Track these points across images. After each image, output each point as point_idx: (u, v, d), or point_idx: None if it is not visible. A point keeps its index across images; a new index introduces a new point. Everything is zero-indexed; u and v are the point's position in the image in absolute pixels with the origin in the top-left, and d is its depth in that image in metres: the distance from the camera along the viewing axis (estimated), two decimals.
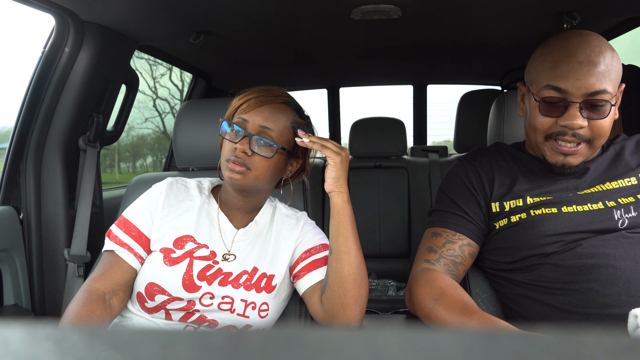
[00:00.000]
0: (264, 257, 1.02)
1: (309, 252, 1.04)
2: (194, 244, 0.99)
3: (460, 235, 0.98)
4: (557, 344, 0.20)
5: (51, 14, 1.26)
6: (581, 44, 0.89)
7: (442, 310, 0.85)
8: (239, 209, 1.07)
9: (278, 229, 1.06)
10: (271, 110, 0.99)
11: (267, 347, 0.20)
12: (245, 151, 0.95)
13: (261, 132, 0.97)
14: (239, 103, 1.01)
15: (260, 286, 0.98)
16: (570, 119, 0.88)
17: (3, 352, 0.20)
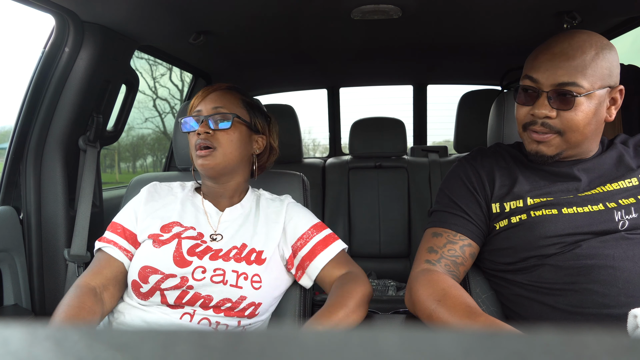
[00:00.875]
0: (252, 235, 1.06)
1: (302, 239, 1.08)
2: (181, 227, 1.05)
3: (461, 236, 0.98)
4: (557, 344, 0.20)
5: (51, 14, 1.26)
6: (565, 38, 0.92)
7: (444, 312, 0.85)
8: (222, 195, 1.13)
9: (265, 212, 1.11)
10: (219, 94, 1.10)
11: (267, 347, 0.20)
12: (206, 131, 1.04)
13: (214, 111, 1.07)
14: (191, 104, 1.12)
15: (251, 259, 1.02)
16: (537, 108, 0.92)
17: (3, 352, 0.20)
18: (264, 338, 0.21)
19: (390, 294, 2.17)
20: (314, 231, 1.10)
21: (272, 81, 2.69)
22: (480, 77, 2.63)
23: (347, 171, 2.44)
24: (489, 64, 2.26)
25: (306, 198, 1.26)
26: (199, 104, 1.10)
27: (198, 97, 1.11)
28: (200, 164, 1.05)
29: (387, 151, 2.41)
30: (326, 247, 1.09)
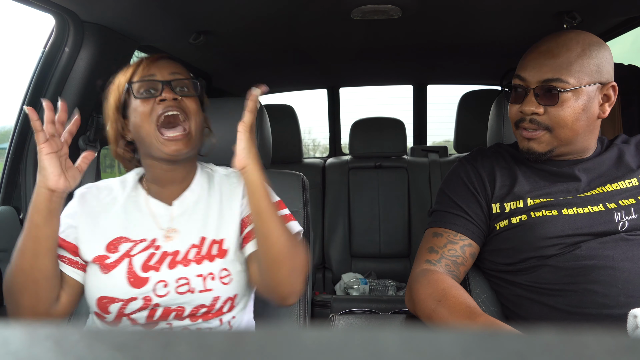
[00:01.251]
0: (210, 223, 0.96)
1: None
2: (129, 242, 0.93)
3: (461, 236, 0.98)
4: (557, 344, 0.20)
5: (51, 14, 1.26)
6: (552, 37, 0.94)
7: (444, 312, 0.85)
8: (172, 182, 0.99)
9: (219, 191, 1.00)
10: (168, 61, 0.97)
11: (267, 347, 0.20)
12: (175, 97, 0.91)
13: (173, 77, 0.94)
14: (131, 71, 0.94)
15: (212, 254, 0.92)
16: (525, 105, 0.94)
17: (3, 352, 0.20)
18: (264, 338, 0.21)
19: (390, 294, 2.17)
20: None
21: (272, 81, 2.69)
22: (480, 77, 2.63)
23: (347, 171, 2.44)
24: (489, 64, 2.26)
25: (306, 198, 1.26)
26: (149, 68, 0.93)
27: (142, 64, 0.94)
28: (169, 137, 0.90)
29: (387, 151, 2.41)
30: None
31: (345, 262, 2.37)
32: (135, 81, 0.93)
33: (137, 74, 0.94)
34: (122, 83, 0.95)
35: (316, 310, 1.97)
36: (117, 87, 0.96)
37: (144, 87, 0.93)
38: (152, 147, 0.92)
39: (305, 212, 1.22)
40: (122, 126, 0.97)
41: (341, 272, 2.33)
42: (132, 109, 0.94)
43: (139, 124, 0.92)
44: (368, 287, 2.18)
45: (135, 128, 0.93)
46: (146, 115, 0.91)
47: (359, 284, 2.17)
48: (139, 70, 0.94)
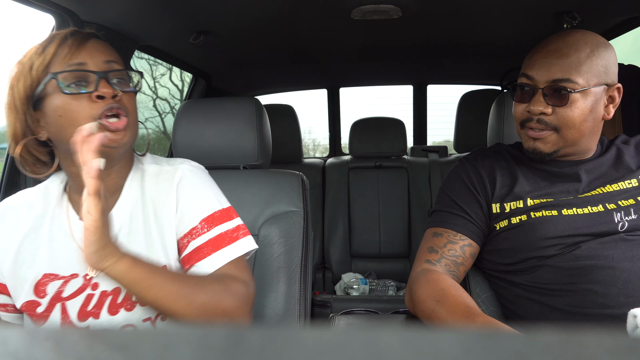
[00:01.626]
0: (149, 245, 0.79)
1: (190, 235, 0.80)
2: (58, 280, 0.77)
3: (461, 236, 0.98)
4: (557, 344, 0.20)
5: (51, 14, 1.26)
6: (560, 37, 0.93)
7: (444, 312, 0.85)
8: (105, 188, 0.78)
9: (152, 201, 0.81)
10: (99, 42, 0.80)
11: (267, 347, 0.20)
12: (114, 94, 0.75)
13: (110, 67, 0.77)
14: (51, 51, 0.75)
15: None
16: (533, 104, 0.93)
17: (3, 352, 0.20)
18: (264, 338, 0.21)
19: (390, 294, 2.17)
20: (206, 226, 0.80)
21: (272, 81, 2.69)
22: (480, 77, 2.63)
23: (347, 171, 2.44)
24: (489, 64, 2.26)
25: (306, 198, 1.26)
26: (77, 53, 0.75)
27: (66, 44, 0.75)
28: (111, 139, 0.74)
29: (387, 151, 2.41)
30: (217, 250, 0.79)
31: (345, 262, 2.37)
32: (60, 71, 0.73)
33: (60, 59, 0.74)
34: (38, 67, 0.74)
35: (316, 310, 1.97)
36: (29, 71, 0.75)
37: (72, 78, 0.74)
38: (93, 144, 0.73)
39: (305, 212, 1.22)
40: (32, 121, 0.77)
41: (341, 272, 2.33)
42: (54, 104, 0.74)
43: (66, 124, 0.74)
44: (368, 287, 2.18)
45: (59, 128, 0.74)
46: (78, 115, 0.73)
47: (359, 284, 2.17)
48: (62, 54, 0.74)
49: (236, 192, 1.20)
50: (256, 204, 1.19)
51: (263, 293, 1.10)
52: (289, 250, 1.15)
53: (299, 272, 1.16)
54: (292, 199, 1.22)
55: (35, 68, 0.74)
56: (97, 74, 0.75)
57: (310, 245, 1.21)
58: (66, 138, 0.73)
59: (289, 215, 1.22)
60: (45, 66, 0.74)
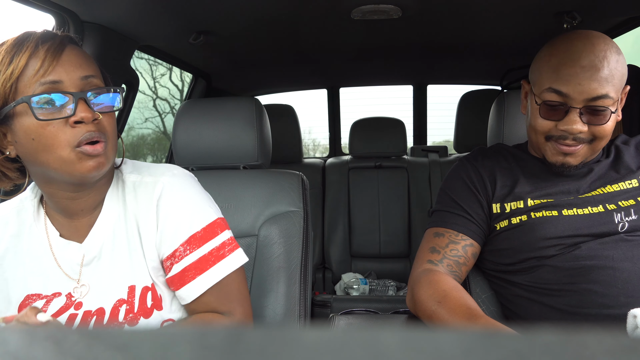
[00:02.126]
0: (134, 263, 0.75)
1: (173, 257, 0.76)
2: (41, 299, 0.74)
3: (463, 236, 0.98)
4: (557, 344, 0.20)
5: (51, 14, 1.26)
6: (586, 47, 0.88)
7: (445, 313, 0.85)
8: (81, 211, 0.76)
9: (134, 212, 0.77)
10: (75, 52, 0.71)
11: (267, 347, 0.20)
12: (95, 117, 0.69)
13: (87, 85, 0.70)
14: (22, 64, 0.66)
15: (148, 306, 0.74)
16: (570, 124, 0.89)
17: (3, 352, 0.20)
18: (264, 338, 0.21)
19: (390, 294, 2.17)
20: (188, 248, 0.76)
21: (272, 81, 2.69)
22: (480, 77, 2.63)
23: (347, 171, 2.44)
24: (489, 64, 2.26)
25: (306, 198, 1.26)
26: (51, 69, 0.67)
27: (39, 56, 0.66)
28: (92, 166, 0.69)
29: (387, 151, 2.41)
30: (201, 273, 0.76)
31: (345, 262, 2.37)
32: (32, 95, 0.66)
33: (31, 75, 0.66)
34: (5, 82, 0.66)
35: (316, 310, 1.97)
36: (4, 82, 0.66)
37: (46, 100, 0.66)
38: (61, 172, 0.69)
39: (305, 212, 1.22)
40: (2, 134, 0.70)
41: (341, 272, 2.33)
42: (25, 126, 0.67)
43: (39, 148, 0.68)
44: (368, 287, 2.18)
45: (32, 151, 0.69)
46: (54, 141, 0.67)
47: (359, 284, 2.17)
48: (33, 68, 0.66)
49: (236, 192, 1.20)
50: (256, 204, 1.19)
51: (263, 293, 1.10)
52: (289, 250, 1.15)
53: (299, 272, 1.16)
54: (292, 199, 1.22)
55: (1, 82, 0.66)
56: (74, 95, 0.68)
57: (310, 245, 1.21)
58: (40, 162, 0.68)
59: (289, 215, 1.22)
60: (13, 81, 0.66)
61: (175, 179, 0.79)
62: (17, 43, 0.67)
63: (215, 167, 1.28)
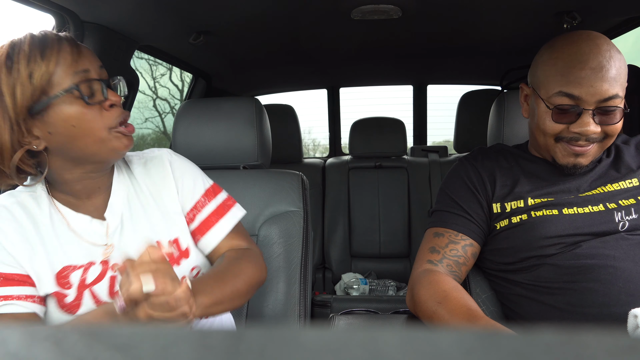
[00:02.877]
0: (157, 224, 0.85)
1: (195, 209, 0.89)
2: (78, 269, 0.79)
3: (462, 236, 0.98)
4: (557, 344, 0.20)
5: (51, 14, 1.26)
6: (592, 48, 0.88)
7: (445, 314, 0.84)
8: (96, 192, 0.83)
9: (146, 183, 0.87)
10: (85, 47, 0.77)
11: (267, 347, 0.20)
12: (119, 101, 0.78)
13: (103, 72, 0.78)
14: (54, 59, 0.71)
15: (175, 257, 0.84)
16: (584, 126, 0.89)
17: (3, 352, 0.20)
18: (264, 338, 0.21)
19: (390, 294, 2.17)
20: (207, 199, 0.90)
21: (272, 81, 2.69)
22: (480, 77, 2.63)
23: (347, 171, 2.44)
24: (489, 64, 2.26)
25: (306, 198, 1.26)
26: (76, 61, 0.73)
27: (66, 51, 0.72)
28: (125, 144, 0.78)
29: (387, 151, 2.41)
30: (221, 218, 0.90)
31: (345, 262, 2.37)
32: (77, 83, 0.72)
33: (65, 67, 0.72)
34: (42, 76, 0.70)
35: (316, 310, 1.97)
36: (28, 79, 0.70)
37: (86, 87, 0.73)
38: (98, 152, 0.76)
39: (305, 212, 1.22)
40: (22, 133, 0.72)
41: (341, 272, 2.33)
42: (65, 115, 0.72)
43: (79, 134, 0.73)
44: (368, 287, 2.18)
45: (71, 138, 0.74)
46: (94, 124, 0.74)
47: (359, 284, 2.17)
48: (65, 61, 0.72)
49: (236, 192, 1.20)
50: (256, 204, 1.19)
51: (263, 293, 1.10)
52: (289, 250, 1.15)
53: (299, 272, 1.16)
54: (292, 199, 1.22)
55: (38, 77, 0.70)
56: (103, 81, 0.75)
57: (310, 245, 1.21)
58: (77, 147, 0.74)
59: (289, 215, 1.22)
60: (50, 75, 0.71)
61: (173, 154, 0.94)
62: (38, 42, 0.72)
63: (215, 167, 1.28)
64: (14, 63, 0.70)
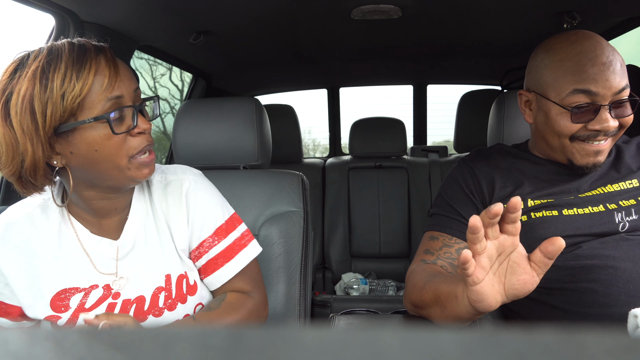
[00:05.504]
0: (167, 254, 0.82)
1: (202, 247, 0.85)
2: (79, 292, 0.78)
3: (456, 239, 0.98)
4: (557, 344, 0.20)
5: (51, 14, 1.26)
6: (595, 46, 0.90)
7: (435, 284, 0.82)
8: (112, 212, 0.81)
9: (162, 209, 0.84)
10: (123, 67, 0.75)
11: (267, 347, 0.20)
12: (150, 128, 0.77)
13: (137, 95, 0.76)
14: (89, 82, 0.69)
15: (183, 292, 0.82)
16: (603, 122, 0.88)
17: (3, 352, 0.20)
18: (264, 338, 0.21)
19: (390, 294, 2.17)
20: (217, 238, 0.86)
21: (272, 81, 2.69)
22: (480, 77, 2.63)
23: (347, 171, 2.44)
24: (489, 64, 2.26)
25: (306, 198, 1.26)
26: (111, 85, 0.71)
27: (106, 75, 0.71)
28: (146, 174, 0.76)
29: (387, 151, 2.41)
30: (228, 261, 0.86)
31: (345, 262, 2.37)
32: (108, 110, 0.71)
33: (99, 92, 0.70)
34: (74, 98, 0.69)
35: (316, 310, 1.97)
36: (60, 100, 0.68)
37: (117, 114, 0.72)
38: (115, 178, 0.75)
39: (305, 212, 1.22)
40: (50, 147, 0.71)
41: (341, 272, 2.33)
42: (90, 139, 0.71)
43: (100, 159, 0.72)
44: (368, 287, 2.18)
45: (91, 162, 0.73)
46: (116, 151, 0.72)
47: (359, 284, 2.17)
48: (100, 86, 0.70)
49: (236, 192, 1.20)
50: (256, 204, 1.19)
51: None
52: (289, 251, 1.15)
53: (299, 272, 1.16)
54: (292, 199, 1.22)
55: (70, 99, 0.68)
56: (135, 107, 0.74)
57: (310, 245, 1.21)
58: (95, 170, 0.73)
59: (289, 215, 1.22)
60: (83, 98, 0.69)
61: (196, 178, 0.88)
62: (76, 58, 0.70)
63: (215, 167, 1.28)
64: (48, 81, 0.68)
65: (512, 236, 0.66)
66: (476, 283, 0.65)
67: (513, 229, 0.65)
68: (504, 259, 0.68)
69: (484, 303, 0.66)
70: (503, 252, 0.67)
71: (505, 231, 0.66)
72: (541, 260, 0.66)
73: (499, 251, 0.67)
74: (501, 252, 0.67)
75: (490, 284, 0.66)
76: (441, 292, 0.77)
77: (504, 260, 0.68)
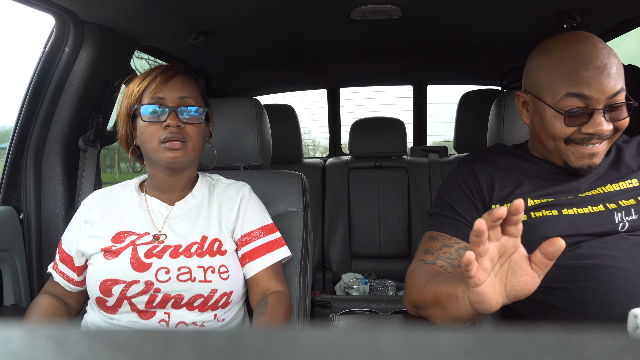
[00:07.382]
0: (211, 225, 1.04)
1: (249, 236, 1.07)
2: (134, 235, 1.02)
3: (456, 239, 0.98)
4: (557, 344, 0.20)
5: (51, 14, 1.26)
6: (590, 49, 0.89)
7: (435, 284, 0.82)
8: (173, 189, 1.09)
9: (219, 198, 1.09)
10: (181, 80, 1.05)
11: (267, 347, 0.20)
12: (178, 124, 1.00)
13: (182, 103, 1.03)
14: (145, 85, 1.03)
15: (213, 250, 1.01)
16: (597, 126, 0.88)
17: (3, 352, 0.20)
18: (264, 338, 0.21)
19: (390, 294, 2.17)
20: (262, 232, 1.08)
21: (272, 81, 2.69)
22: (480, 77, 2.63)
23: (347, 171, 2.44)
24: (489, 64, 2.26)
25: (306, 198, 1.26)
26: (160, 89, 1.02)
27: (156, 81, 1.03)
28: (171, 156, 1.00)
29: (387, 151, 2.41)
30: (268, 252, 1.07)
31: (345, 262, 2.37)
32: (144, 103, 1.02)
33: (149, 92, 1.03)
34: (135, 94, 1.03)
35: (316, 310, 1.97)
36: (129, 95, 1.04)
37: (151, 108, 1.02)
38: (154, 158, 1.02)
39: (305, 212, 1.22)
40: (130, 130, 1.07)
41: (341, 272, 2.33)
42: (140, 124, 1.03)
43: (142, 140, 1.03)
44: (368, 287, 2.18)
45: (141, 141, 1.04)
46: (150, 135, 1.01)
47: (359, 284, 2.17)
48: (150, 88, 1.03)
49: None
50: None
51: None
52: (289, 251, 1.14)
53: (299, 272, 1.16)
54: (292, 199, 1.22)
55: (134, 94, 1.04)
56: (169, 108, 1.01)
57: (310, 245, 1.21)
58: (144, 149, 1.04)
59: (289, 215, 1.22)
60: (139, 94, 1.03)
61: (250, 191, 1.13)
62: (148, 71, 1.06)
63: (215, 167, 1.28)
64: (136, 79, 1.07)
65: (513, 238, 0.66)
66: (478, 285, 0.65)
67: (515, 230, 0.65)
68: (505, 260, 0.67)
69: (485, 304, 0.66)
70: (504, 254, 0.67)
71: (507, 233, 0.66)
72: (541, 261, 0.66)
73: (500, 253, 0.66)
74: (502, 254, 0.67)
75: (491, 286, 0.66)
76: (441, 293, 0.77)
77: (505, 262, 0.67)
